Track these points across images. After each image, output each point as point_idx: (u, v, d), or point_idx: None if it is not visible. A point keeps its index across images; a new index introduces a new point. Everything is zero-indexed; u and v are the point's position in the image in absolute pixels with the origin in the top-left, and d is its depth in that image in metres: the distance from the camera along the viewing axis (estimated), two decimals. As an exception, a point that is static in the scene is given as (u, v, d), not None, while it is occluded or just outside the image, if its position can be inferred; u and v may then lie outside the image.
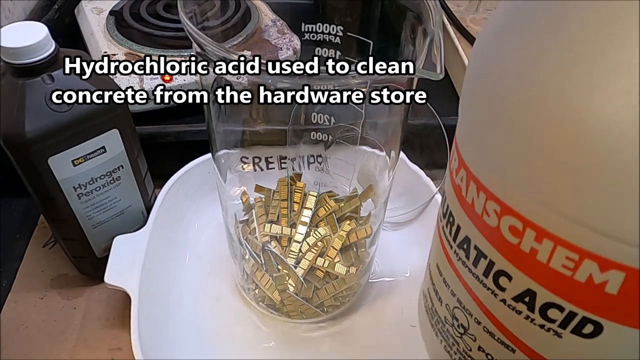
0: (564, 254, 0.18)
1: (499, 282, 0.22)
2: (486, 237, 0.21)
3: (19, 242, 0.46)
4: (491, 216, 0.21)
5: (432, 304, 0.28)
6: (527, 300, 0.21)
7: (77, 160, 0.36)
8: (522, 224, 0.19)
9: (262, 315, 0.41)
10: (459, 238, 0.24)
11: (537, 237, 0.19)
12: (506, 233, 0.20)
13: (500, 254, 0.21)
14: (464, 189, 0.22)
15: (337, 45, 0.35)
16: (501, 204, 0.20)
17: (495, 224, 0.20)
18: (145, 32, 0.58)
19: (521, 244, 0.20)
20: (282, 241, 0.38)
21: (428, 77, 0.25)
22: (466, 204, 0.22)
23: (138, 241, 0.39)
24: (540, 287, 0.20)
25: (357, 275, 0.39)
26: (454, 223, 0.24)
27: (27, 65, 0.32)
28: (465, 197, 0.22)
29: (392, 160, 0.35)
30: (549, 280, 0.19)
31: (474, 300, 0.24)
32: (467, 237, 0.23)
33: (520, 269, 0.20)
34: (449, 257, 0.25)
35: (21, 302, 0.42)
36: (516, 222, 0.19)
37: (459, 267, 0.24)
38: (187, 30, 0.26)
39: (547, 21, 0.18)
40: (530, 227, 0.19)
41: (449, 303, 0.26)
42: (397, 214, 0.46)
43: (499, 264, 0.21)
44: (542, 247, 0.19)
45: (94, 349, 0.39)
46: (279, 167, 0.39)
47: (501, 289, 0.22)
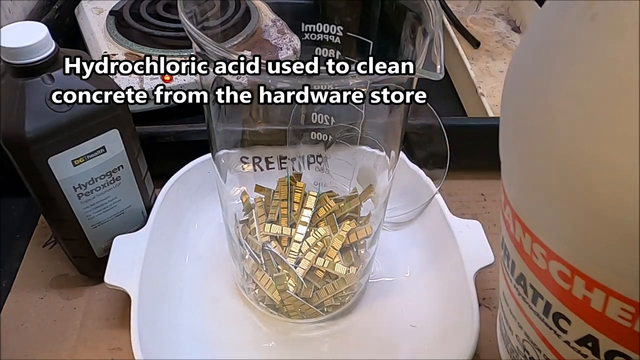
0: (618, 305, 0.17)
1: (559, 324, 0.20)
2: (539, 278, 0.20)
3: (19, 242, 0.46)
4: (539, 258, 0.19)
5: (505, 331, 0.27)
6: (591, 346, 0.19)
7: (77, 160, 0.36)
8: (569, 270, 0.18)
9: (262, 315, 0.41)
10: (515, 274, 0.22)
11: (587, 285, 0.17)
12: (556, 277, 0.19)
13: (554, 296, 0.20)
14: (511, 225, 0.21)
15: (337, 45, 0.35)
16: (546, 249, 0.19)
17: (545, 266, 0.19)
18: (145, 32, 0.58)
19: (572, 289, 0.18)
20: (282, 241, 0.38)
21: (428, 77, 0.25)
22: (516, 242, 0.21)
23: (138, 241, 0.39)
24: (601, 334, 0.18)
25: (357, 275, 0.39)
26: (509, 257, 0.23)
27: (27, 65, 0.32)
28: (513, 234, 0.21)
29: (392, 160, 0.35)
30: (608, 328, 0.18)
31: (539, 337, 0.22)
32: (522, 274, 0.22)
33: (577, 314, 0.19)
34: (511, 290, 0.23)
35: (21, 302, 0.42)
36: (564, 268, 0.18)
37: (520, 302, 0.23)
38: (187, 30, 0.26)
39: None
40: (578, 275, 0.18)
41: (518, 334, 0.25)
42: (397, 214, 0.46)
43: (555, 306, 0.20)
44: (594, 295, 0.17)
45: (94, 349, 0.39)
46: (279, 167, 0.39)
47: (563, 331, 0.20)
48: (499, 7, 0.81)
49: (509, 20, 0.78)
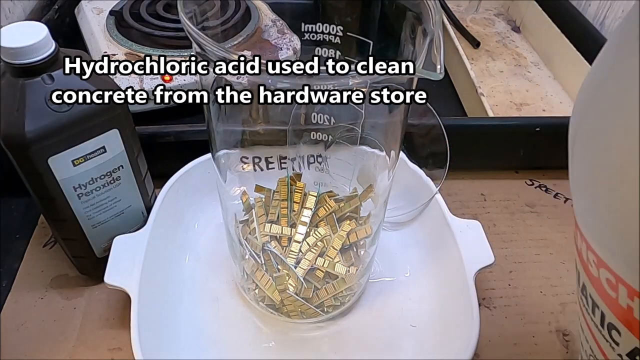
0: None
1: (612, 335, 0.20)
2: (594, 286, 0.21)
3: (19, 242, 0.46)
4: (592, 266, 0.20)
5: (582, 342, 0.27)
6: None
7: (77, 160, 0.36)
8: (614, 278, 0.18)
9: (262, 315, 0.41)
10: (580, 283, 0.23)
11: (629, 294, 0.18)
12: (605, 285, 0.19)
13: (606, 305, 0.20)
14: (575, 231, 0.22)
15: (337, 45, 0.35)
16: (596, 256, 0.19)
17: (596, 274, 0.20)
18: (145, 32, 0.58)
19: (619, 298, 0.19)
20: (282, 241, 0.38)
21: (428, 77, 0.25)
22: (577, 248, 0.22)
23: (138, 241, 0.39)
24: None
25: (357, 275, 0.39)
26: (577, 267, 0.23)
27: (27, 65, 0.32)
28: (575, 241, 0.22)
29: (392, 160, 0.35)
30: None
31: (600, 351, 0.22)
32: (584, 284, 0.22)
33: (625, 324, 0.19)
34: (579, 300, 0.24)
35: (21, 302, 0.42)
36: (610, 276, 0.19)
37: (585, 314, 0.23)
38: (187, 30, 0.26)
39: None
40: (621, 284, 0.18)
41: (586, 349, 0.25)
42: (397, 214, 0.46)
43: (608, 316, 0.20)
44: (634, 304, 0.18)
45: (94, 349, 0.39)
46: (279, 167, 0.39)
47: (615, 343, 0.20)
48: (499, 7, 0.81)
49: (509, 20, 0.78)
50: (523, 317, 0.42)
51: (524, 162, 0.54)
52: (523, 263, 0.46)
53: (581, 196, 0.20)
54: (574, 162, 0.21)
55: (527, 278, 0.45)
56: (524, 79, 0.67)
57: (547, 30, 0.68)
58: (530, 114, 0.60)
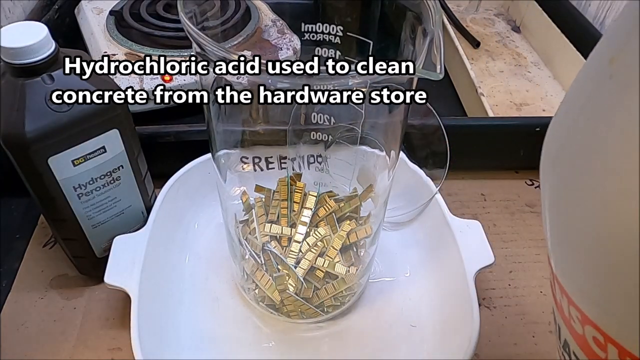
0: None
1: None
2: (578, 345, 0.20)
3: (19, 242, 0.46)
4: (576, 322, 0.19)
5: None
6: None
7: (77, 160, 0.36)
8: (602, 337, 0.18)
9: (262, 315, 0.41)
10: (562, 339, 0.22)
11: (620, 354, 0.17)
12: (592, 344, 0.18)
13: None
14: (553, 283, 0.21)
15: (337, 45, 0.35)
16: (581, 313, 0.18)
17: (581, 331, 0.19)
18: (145, 32, 0.58)
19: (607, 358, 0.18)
20: (282, 241, 0.38)
21: (428, 77, 0.25)
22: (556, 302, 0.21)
23: (138, 241, 0.39)
24: None
25: (357, 275, 0.39)
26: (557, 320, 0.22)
27: (27, 65, 0.32)
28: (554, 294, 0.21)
29: (392, 160, 0.35)
30: None
31: None
32: (566, 341, 0.21)
33: None
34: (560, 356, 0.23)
35: (21, 302, 0.42)
36: (597, 334, 0.18)
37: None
38: (187, 30, 0.26)
39: None
40: (611, 343, 0.17)
41: None
42: (397, 214, 0.46)
43: None
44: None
45: (94, 349, 0.39)
46: (279, 167, 0.39)
47: None
48: (499, 7, 0.81)
49: (509, 20, 0.78)
50: (523, 317, 0.42)
51: (524, 162, 0.54)
52: (523, 263, 0.46)
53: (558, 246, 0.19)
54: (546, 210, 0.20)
55: (527, 278, 0.45)
56: (524, 79, 0.67)
57: (547, 30, 0.68)
58: (530, 114, 0.60)
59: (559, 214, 0.19)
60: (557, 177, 0.19)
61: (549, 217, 0.20)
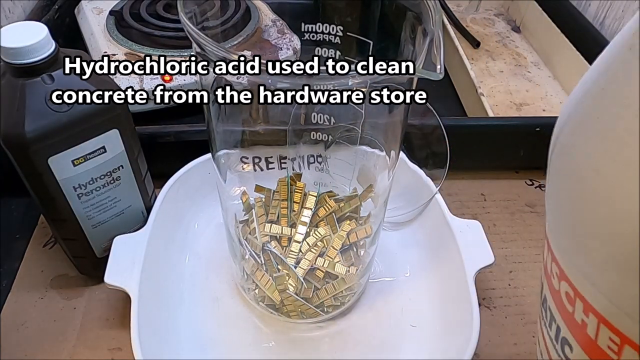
0: (607, 335, 0.17)
1: (565, 351, 0.21)
2: (553, 299, 0.21)
3: (19, 242, 0.46)
4: (554, 278, 0.20)
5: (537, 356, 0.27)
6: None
7: (77, 160, 0.36)
8: (573, 291, 0.19)
9: (262, 315, 0.41)
10: (542, 295, 0.23)
11: (585, 309, 0.18)
12: (564, 298, 0.19)
13: (562, 319, 0.20)
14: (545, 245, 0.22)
15: (337, 45, 0.35)
16: (559, 268, 0.19)
17: (557, 287, 0.20)
18: (145, 32, 0.58)
19: (575, 312, 0.19)
20: (282, 241, 0.38)
21: (428, 77, 0.25)
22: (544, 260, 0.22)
23: (138, 241, 0.39)
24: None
25: (357, 275, 0.39)
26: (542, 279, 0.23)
27: (27, 65, 0.32)
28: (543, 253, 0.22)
29: (392, 160, 0.35)
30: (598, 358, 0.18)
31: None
32: (545, 297, 0.22)
33: (577, 339, 0.19)
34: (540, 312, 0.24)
35: (21, 302, 0.42)
36: (569, 289, 0.19)
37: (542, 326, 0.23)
38: (187, 30, 0.26)
39: None
40: (579, 298, 0.18)
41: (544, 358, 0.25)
42: (397, 214, 0.46)
43: (562, 330, 0.20)
44: (589, 320, 0.18)
45: (94, 349, 0.39)
46: (279, 167, 0.39)
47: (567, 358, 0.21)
48: (499, 7, 0.81)
49: (509, 20, 0.78)
50: (523, 317, 0.42)
51: (524, 162, 0.54)
52: (523, 263, 0.46)
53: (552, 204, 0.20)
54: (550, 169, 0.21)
55: (527, 278, 0.45)
56: (524, 79, 0.67)
57: (547, 30, 0.68)
58: (530, 114, 0.60)
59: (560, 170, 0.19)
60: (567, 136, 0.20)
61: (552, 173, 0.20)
